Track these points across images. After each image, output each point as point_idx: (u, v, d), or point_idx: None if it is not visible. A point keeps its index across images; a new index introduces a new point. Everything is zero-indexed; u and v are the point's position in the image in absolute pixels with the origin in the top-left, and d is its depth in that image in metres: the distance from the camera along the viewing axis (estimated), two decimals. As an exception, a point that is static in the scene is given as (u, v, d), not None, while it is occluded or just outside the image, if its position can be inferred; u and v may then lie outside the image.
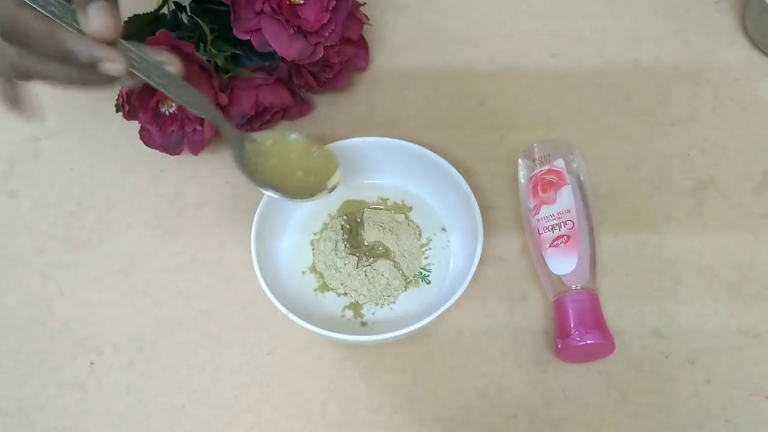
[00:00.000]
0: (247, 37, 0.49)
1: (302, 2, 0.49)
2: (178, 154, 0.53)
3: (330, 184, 0.45)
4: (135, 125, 0.52)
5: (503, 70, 0.58)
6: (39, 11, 0.35)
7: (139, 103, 0.49)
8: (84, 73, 0.37)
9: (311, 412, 0.45)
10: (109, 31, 0.36)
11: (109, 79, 0.38)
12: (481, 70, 0.58)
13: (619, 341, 0.44)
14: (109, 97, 0.56)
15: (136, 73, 0.38)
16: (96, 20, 0.35)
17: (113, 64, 0.36)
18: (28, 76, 0.37)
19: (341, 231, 0.50)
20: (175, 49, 0.48)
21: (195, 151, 0.53)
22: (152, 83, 0.39)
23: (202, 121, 0.50)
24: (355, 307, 0.48)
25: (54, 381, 0.47)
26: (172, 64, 0.39)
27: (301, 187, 0.44)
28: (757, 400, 0.44)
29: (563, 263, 0.45)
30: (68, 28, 0.35)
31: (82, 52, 0.36)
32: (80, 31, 0.36)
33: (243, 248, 0.47)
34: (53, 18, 0.35)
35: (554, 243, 0.46)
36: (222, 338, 0.48)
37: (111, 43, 0.36)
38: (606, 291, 0.47)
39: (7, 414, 0.46)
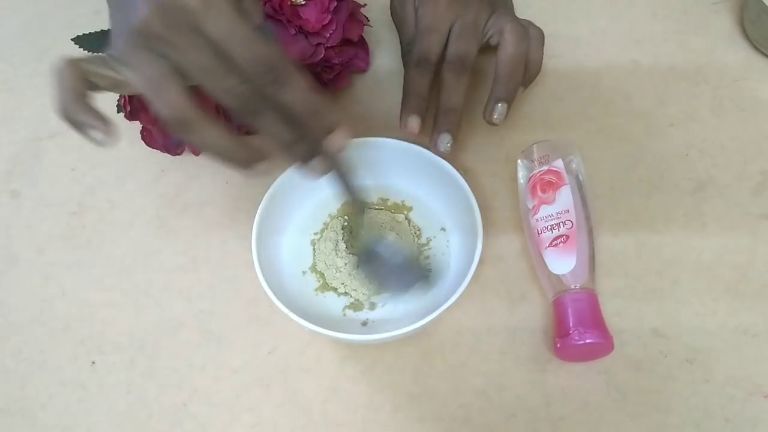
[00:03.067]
0: (248, 38, 0.50)
1: (303, 3, 0.49)
2: (179, 154, 0.53)
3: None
4: (137, 126, 0.52)
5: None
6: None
7: (141, 104, 0.50)
8: (245, 152, 0.37)
9: (312, 411, 0.45)
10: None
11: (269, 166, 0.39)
12: (481, 71, 0.58)
13: (618, 340, 0.44)
14: (110, 97, 0.56)
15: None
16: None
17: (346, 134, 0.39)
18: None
19: (342, 231, 0.50)
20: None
21: (196, 152, 0.53)
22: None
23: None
24: (356, 306, 0.48)
25: (55, 380, 0.48)
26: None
27: None
28: (756, 399, 0.44)
29: (562, 263, 0.45)
30: None
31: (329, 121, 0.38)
32: None
33: (244, 248, 0.47)
34: None
35: (553, 243, 0.46)
36: (223, 338, 0.48)
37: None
38: (605, 290, 0.47)
39: (9, 413, 0.47)
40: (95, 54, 0.36)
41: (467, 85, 0.49)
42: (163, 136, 0.52)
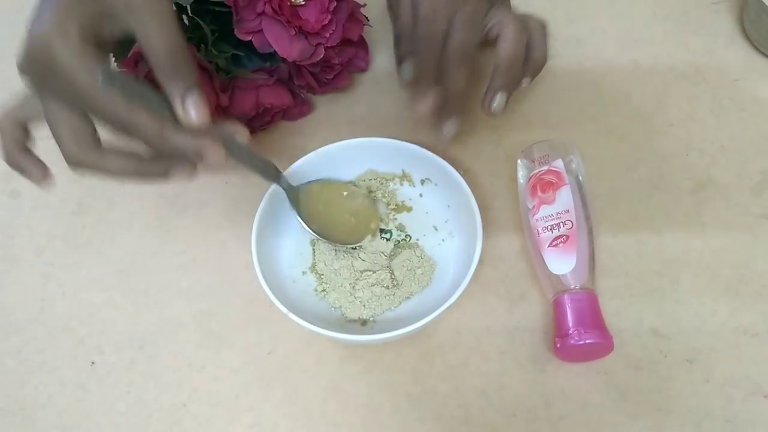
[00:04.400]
0: (248, 38, 0.50)
1: (303, 3, 0.49)
2: (179, 154, 0.53)
3: (373, 225, 0.49)
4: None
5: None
6: (148, 108, 0.37)
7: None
8: (157, 167, 0.40)
9: (311, 412, 0.45)
10: (203, 123, 0.38)
11: (190, 172, 0.41)
12: (479, 69, 0.58)
13: (617, 340, 0.44)
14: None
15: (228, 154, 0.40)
16: (194, 112, 0.38)
17: (215, 154, 0.38)
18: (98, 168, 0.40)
19: (341, 231, 0.50)
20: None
21: (196, 152, 0.53)
22: (234, 159, 0.41)
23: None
24: (355, 306, 0.48)
25: (55, 380, 0.48)
26: (240, 134, 0.42)
27: (348, 229, 0.49)
28: (756, 399, 0.44)
29: (562, 263, 0.45)
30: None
31: (188, 146, 0.38)
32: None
33: (244, 248, 0.47)
34: (151, 106, 0.38)
35: (553, 243, 0.46)
36: (222, 338, 0.48)
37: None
38: (605, 290, 0.47)
39: (9, 413, 0.47)
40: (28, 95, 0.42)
41: (469, 75, 0.48)
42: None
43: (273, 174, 0.46)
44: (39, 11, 0.37)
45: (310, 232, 0.48)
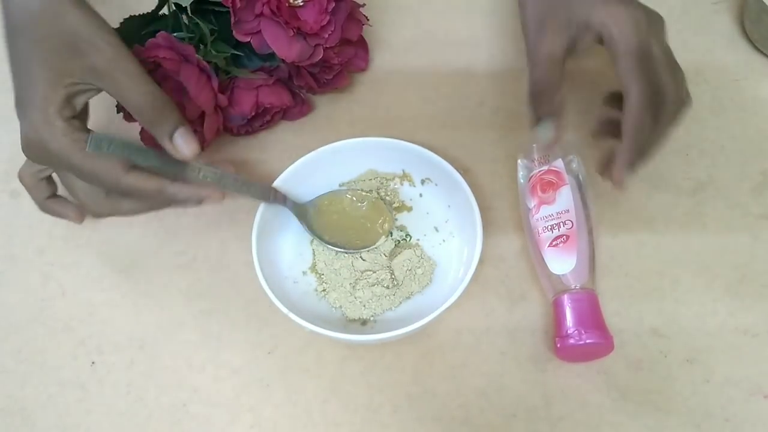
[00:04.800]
0: (247, 39, 0.50)
1: (301, 4, 0.49)
2: (178, 154, 0.53)
3: (387, 225, 0.49)
4: (135, 126, 0.52)
5: (503, 70, 0.58)
6: (145, 170, 0.41)
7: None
8: (165, 205, 0.45)
9: (311, 412, 0.45)
10: (195, 154, 0.42)
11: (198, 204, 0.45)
12: (481, 70, 0.58)
13: (618, 340, 0.44)
14: (109, 98, 0.56)
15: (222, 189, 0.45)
16: (184, 147, 0.41)
17: (214, 198, 0.44)
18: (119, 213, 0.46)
19: (341, 231, 0.50)
20: (174, 51, 0.48)
21: (196, 152, 0.53)
22: (229, 191, 0.45)
23: (202, 122, 0.51)
24: (356, 306, 0.48)
25: (55, 380, 0.48)
26: (228, 170, 0.46)
27: (364, 234, 0.49)
28: (756, 399, 0.44)
29: (562, 263, 0.45)
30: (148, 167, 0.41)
31: (190, 199, 0.43)
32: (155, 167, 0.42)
33: (244, 248, 0.47)
34: (138, 161, 0.41)
35: (553, 243, 0.46)
36: (223, 337, 0.48)
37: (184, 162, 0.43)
38: (605, 290, 0.47)
39: (9, 413, 0.47)
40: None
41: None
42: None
43: (275, 198, 0.47)
44: (23, 109, 0.40)
45: (328, 245, 0.48)
